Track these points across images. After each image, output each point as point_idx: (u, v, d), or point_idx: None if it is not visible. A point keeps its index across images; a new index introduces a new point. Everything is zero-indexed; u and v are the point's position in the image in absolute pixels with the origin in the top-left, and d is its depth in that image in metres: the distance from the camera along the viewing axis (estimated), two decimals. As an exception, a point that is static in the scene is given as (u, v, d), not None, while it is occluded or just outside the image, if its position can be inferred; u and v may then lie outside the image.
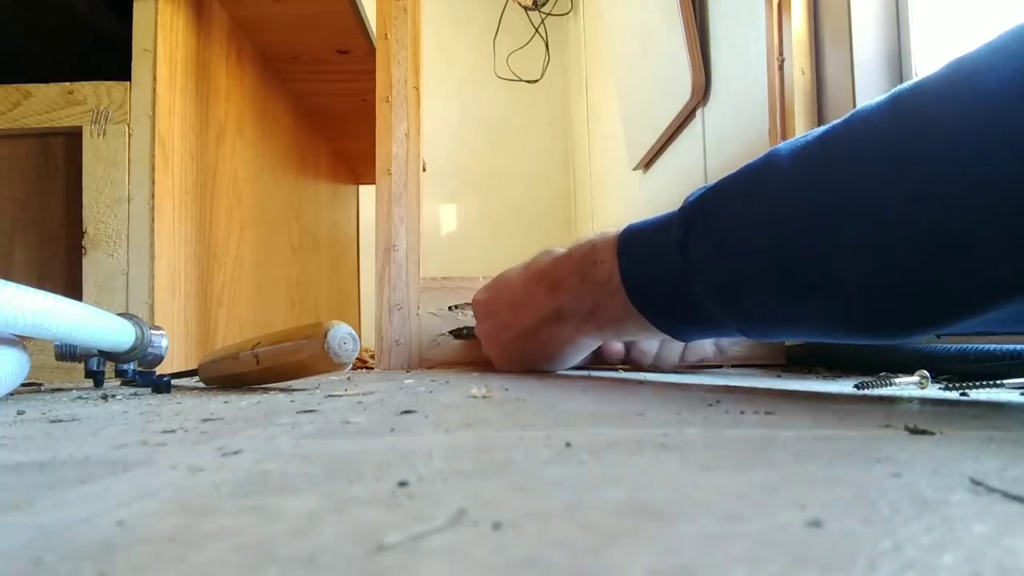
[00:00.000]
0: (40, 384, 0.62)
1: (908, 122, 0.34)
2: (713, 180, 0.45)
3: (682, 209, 0.45)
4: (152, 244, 0.70)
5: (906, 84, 0.36)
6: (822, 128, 0.39)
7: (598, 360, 0.66)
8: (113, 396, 0.46)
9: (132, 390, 0.51)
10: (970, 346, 0.51)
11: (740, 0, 1.05)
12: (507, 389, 0.43)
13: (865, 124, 0.36)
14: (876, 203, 0.35)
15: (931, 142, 0.33)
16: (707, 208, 0.44)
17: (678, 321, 0.48)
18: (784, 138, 0.84)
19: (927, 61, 0.76)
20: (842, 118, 0.38)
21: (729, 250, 0.41)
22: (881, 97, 0.36)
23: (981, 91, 0.32)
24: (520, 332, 0.60)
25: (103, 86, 0.71)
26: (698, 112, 1.23)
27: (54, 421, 0.32)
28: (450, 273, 0.81)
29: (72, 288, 0.70)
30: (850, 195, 0.36)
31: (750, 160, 0.43)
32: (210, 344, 0.83)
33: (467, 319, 0.78)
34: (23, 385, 0.52)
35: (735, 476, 0.17)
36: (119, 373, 0.54)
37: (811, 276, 0.38)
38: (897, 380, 0.44)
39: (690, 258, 0.43)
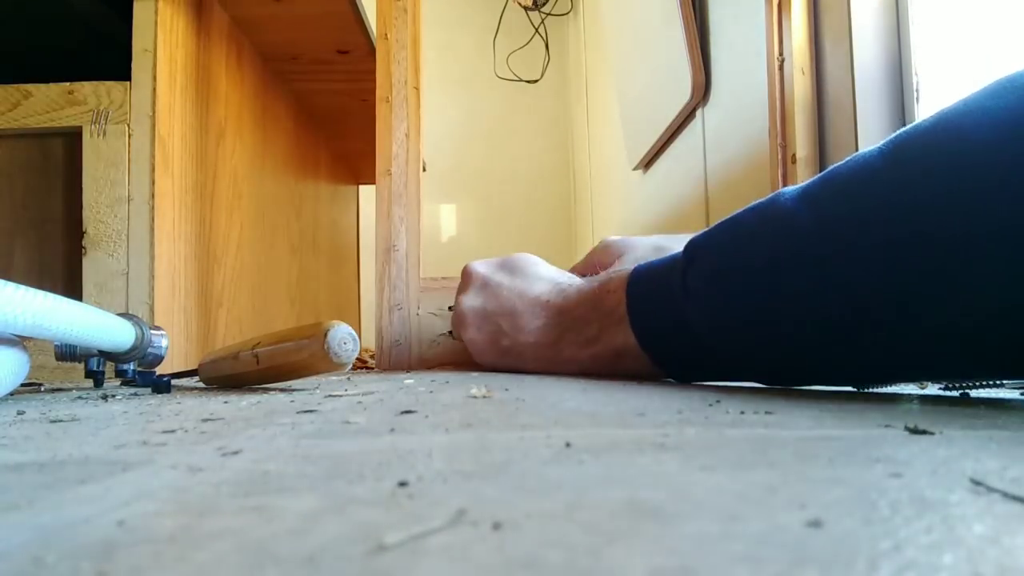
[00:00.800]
0: (40, 384, 0.62)
1: (903, 168, 0.35)
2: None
3: (690, 241, 0.45)
4: (152, 244, 0.70)
5: (906, 128, 0.37)
6: (828, 169, 0.40)
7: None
8: (113, 396, 0.46)
9: (132, 390, 0.51)
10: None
11: (740, 0, 1.05)
12: (507, 389, 0.43)
13: (863, 168, 0.37)
14: (865, 244, 0.35)
15: (919, 190, 0.34)
16: (710, 241, 0.44)
17: (674, 355, 0.47)
18: (784, 139, 0.84)
19: (927, 61, 0.76)
20: (844, 160, 0.39)
21: (723, 278, 0.42)
22: (882, 142, 0.37)
23: (966, 141, 0.33)
24: (521, 345, 0.59)
25: (103, 86, 0.71)
26: (698, 112, 1.23)
27: (54, 421, 0.32)
28: (450, 273, 0.81)
29: (72, 288, 0.70)
30: (840, 235, 0.36)
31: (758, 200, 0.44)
32: (210, 344, 0.83)
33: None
34: (23, 385, 0.52)
35: (735, 476, 0.17)
36: (119, 373, 0.54)
37: (800, 312, 0.38)
38: (897, 380, 0.44)
39: (688, 286, 0.43)
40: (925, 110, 0.76)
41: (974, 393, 0.40)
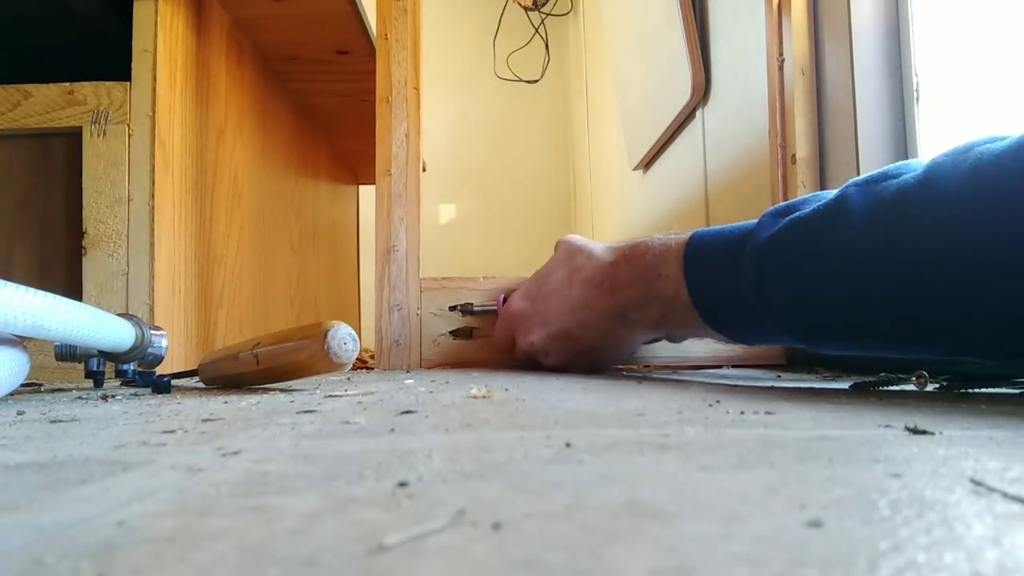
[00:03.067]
0: (40, 384, 0.62)
1: (987, 199, 0.36)
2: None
3: (754, 244, 0.46)
4: (152, 244, 0.70)
5: (985, 149, 0.37)
6: (897, 181, 0.40)
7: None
8: (113, 396, 0.46)
9: (132, 390, 0.51)
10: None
11: (740, 0, 1.05)
12: (507, 389, 0.43)
13: (943, 193, 0.38)
14: (955, 270, 0.37)
15: (1009, 224, 0.35)
16: (780, 250, 0.45)
17: (756, 339, 0.52)
18: (784, 139, 0.84)
19: (927, 61, 0.76)
20: (917, 173, 0.39)
21: (807, 298, 0.44)
22: (955, 154, 0.38)
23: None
24: (584, 335, 0.61)
25: (103, 86, 0.71)
26: (698, 112, 1.23)
27: (54, 421, 0.32)
28: (450, 273, 0.81)
29: (72, 288, 0.70)
30: (926, 260, 0.38)
31: (821, 194, 0.46)
32: (210, 344, 0.83)
33: (467, 319, 0.78)
34: (23, 385, 0.52)
35: (735, 476, 0.17)
36: (119, 373, 0.54)
37: (894, 324, 0.41)
38: (897, 380, 0.44)
39: (767, 301, 0.45)
40: (925, 110, 0.76)
41: (974, 393, 0.40)
